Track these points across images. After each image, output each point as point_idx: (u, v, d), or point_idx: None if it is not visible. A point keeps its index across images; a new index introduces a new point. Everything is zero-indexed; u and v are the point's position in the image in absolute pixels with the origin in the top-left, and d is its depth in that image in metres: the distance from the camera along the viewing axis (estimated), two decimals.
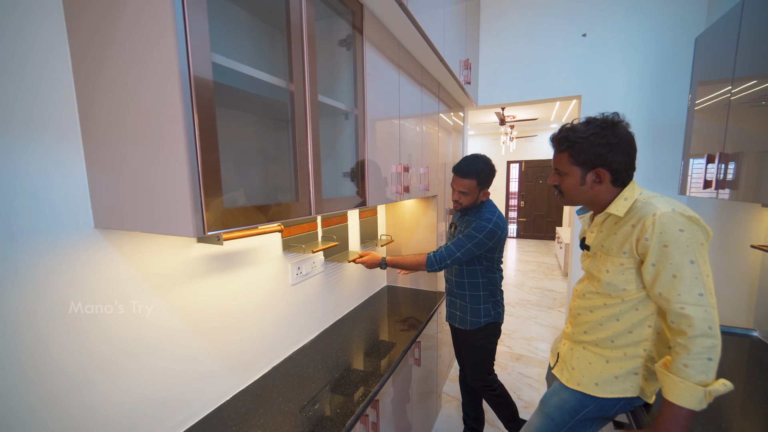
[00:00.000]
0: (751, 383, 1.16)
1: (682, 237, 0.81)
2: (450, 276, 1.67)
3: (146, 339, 0.83)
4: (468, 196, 1.52)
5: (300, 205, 0.83)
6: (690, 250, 0.80)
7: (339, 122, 1.12)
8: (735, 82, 1.22)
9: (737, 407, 1.05)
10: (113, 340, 0.77)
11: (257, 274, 1.17)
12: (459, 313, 1.64)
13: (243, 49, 0.90)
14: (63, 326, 0.68)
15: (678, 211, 0.83)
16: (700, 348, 0.78)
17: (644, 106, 2.14)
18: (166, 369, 0.88)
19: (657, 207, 0.85)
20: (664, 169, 2.12)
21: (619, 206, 0.92)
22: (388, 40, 1.29)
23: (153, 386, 0.85)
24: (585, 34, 2.24)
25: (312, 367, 1.24)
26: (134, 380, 0.81)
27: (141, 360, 0.82)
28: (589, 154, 0.91)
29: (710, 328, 0.78)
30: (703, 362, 0.78)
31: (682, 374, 0.79)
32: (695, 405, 0.78)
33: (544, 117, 6.09)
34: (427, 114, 1.80)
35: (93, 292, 0.73)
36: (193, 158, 0.56)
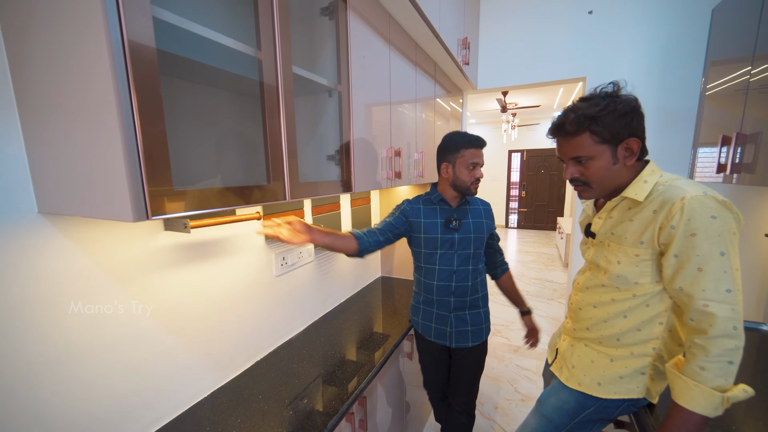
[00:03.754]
0: (761, 380, 1.09)
1: (714, 225, 0.70)
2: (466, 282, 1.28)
3: (107, 335, 0.77)
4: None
5: (272, 188, 0.75)
6: (721, 240, 0.70)
7: (321, 100, 1.03)
8: (755, 63, 1.12)
9: (746, 406, 0.99)
10: (67, 336, 0.70)
11: (236, 265, 1.09)
12: (472, 327, 1.30)
13: (199, 7, 0.80)
14: (7, 321, 0.61)
15: (710, 194, 0.72)
16: (721, 350, 0.70)
17: (653, 87, 2.02)
18: (131, 366, 0.82)
19: (686, 190, 0.74)
20: (673, 154, 2.02)
21: (638, 189, 0.81)
22: (376, 11, 1.19)
23: (115, 385, 0.79)
24: (591, 11, 2.10)
25: (297, 362, 1.18)
26: (93, 379, 0.74)
27: (100, 357, 0.76)
28: (615, 125, 0.79)
29: (735, 329, 0.70)
30: (722, 365, 0.70)
31: (698, 377, 0.71)
32: (710, 411, 0.70)
33: (546, 104, 5.93)
34: (422, 95, 1.70)
35: (41, 285, 0.65)
36: (130, 129, 0.48)
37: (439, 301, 1.29)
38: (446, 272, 1.27)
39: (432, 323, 1.31)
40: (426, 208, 1.29)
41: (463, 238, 1.26)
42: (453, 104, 2.38)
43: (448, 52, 1.72)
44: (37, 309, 0.65)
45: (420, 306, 1.35)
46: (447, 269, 1.27)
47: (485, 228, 1.30)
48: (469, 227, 1.26)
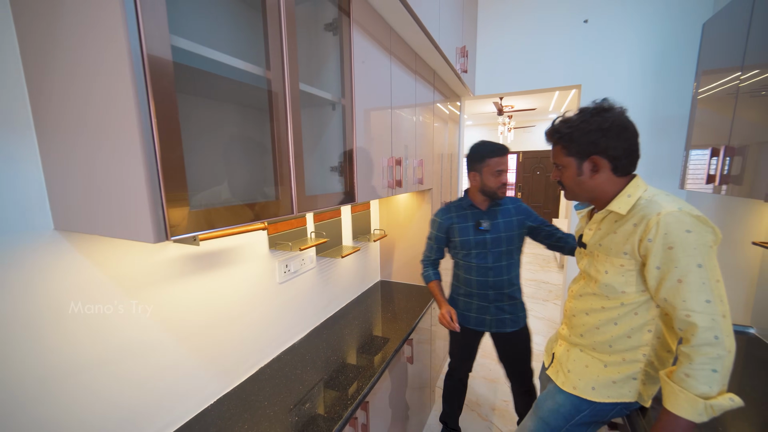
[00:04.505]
0: (748, 383, 1.13)
1: (689, 238, 0.75)
2: (502, 276, 1.44)
3: (117, 345, 0.79)
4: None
5: (280, 203, 0.77)
6: (698, 252, 0.75)
7: (325, 113, 1.05)
8: (744, 71, 1.16)
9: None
10: (79, 347, 0.72)
11: (241, 274, 1.12)
12: (510, 315, 1.47)
13: (213, 32, 0.83)
14: (22, 333, 0.63)
15: (685, 210, 0.77)
16: (704, 358, 0.74)
17: (647, 96, 2.07)
18: (141, 376, 0.84)
19: (662, 206, 0.79)
20: (666, 161, 2.07)
21: (622, 203, 0.87)
22: (378, 24, 1.21)
23: (125, 395, 0.81)
24: (587, 20, 2.15)
25: (300, 367, 1.20)
26: (103, 390, 0.76)
27: (111, 368, 0.78)
28: (580, 142, 0.87)
29: (716, 338, 0.73)
30: (706, 373, 0.73)
31: (683, 384, 0.75)
32: (695, 417, 0.74)
33: (542, 107, 5.99)
34: (421, 104, 1.73)
35: (55, 298, 0.67)
36: (151, 154, 0.50)
37: (479, 294, 1.48)
38: (483, 269, 1.44)
39: (471, 313, 1.51)
40: (458, 215, 1.48)
41: (494, 237, 1.41)
42: (451, 108, 2.42)
43: (447, 61, 1.75)
44: (47, 321, 0.67)
45: (459, 298, 1.55)
46: (483, 266, 1.44)
47: (516, 224, 1.43)
48: (499, 227, 1.42)
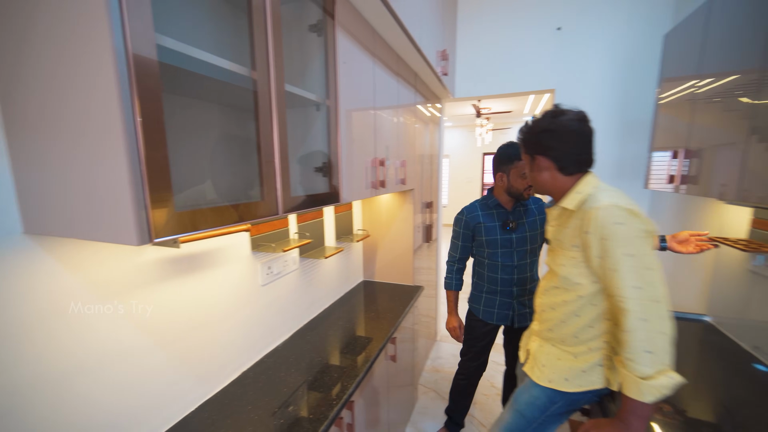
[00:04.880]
0: (704, 366, 1.23)
1: (620, 230, 0.80)
2: (525, 273, 1.51)
3: (95, 353, 0.75)
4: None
5: (265, 204, 0.77)
6: (628, 243, 0.80)
7: (310, 114, 1.05)
8: (700, 79, 1.26)
9: (691, 390, 1.11)
10: (52, 356, 0.68)
11: (223, 277, 1.09)
12: (529, 309, 1.53)
13: (198, 32, 0.81)
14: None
15: (618, 204, 0.82)
16: (637, 342, 0.78)
17: (615, 101, 2.20)
18: (120, 383, 0.81)
19: (599, 200, 0.86)
20: (632, 163, 2.20)
21: (571, 199, 0.94)
22: (362, 26, 1.22)
23: (103, 403, 0.78)
24: (560, 27, 2.25)
25: (284, 370, 1.19)
26: (80, 400, 0.73)
27: (88, 376, 0.74)
28: (530, 141, 0.97)
29: (645, 321, 0.78)
30: (641, 355, 0.78)
31: (626, 367, 0.81)
32: (642, 397, 0.78)
33: (518, 109, 6.19)
34: (403, 105, 1.75)
35: (25, 305, 0.64)
36: (135, 154, 0.49)
37: (503, 291, 1.54)
38: (509, 268, 1.50)
39: (495, 309, 1.58)
40: (484, 213, 1.53)
41: (520, 237, 1.47)
42: (432, 111, 2.46)
43: (428, 64, 1.78)
44: (17, 330, 0.63)
45: (482, 295, 1.61)
46: (509, 265, 1.50)
47: (539, 223, 1.50)
48: (524, 227, 1.48)
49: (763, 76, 0.91)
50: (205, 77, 0.69)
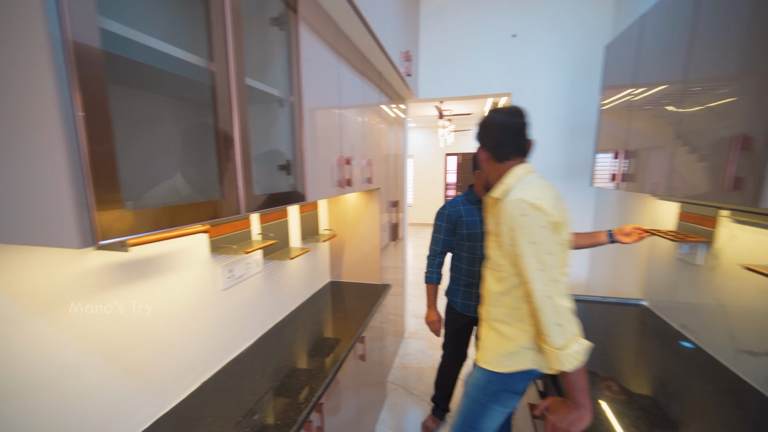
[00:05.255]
0: (642, 345, 1.37)
1: (524, 221, 0.91)
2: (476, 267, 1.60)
3: (27, 373, 0.67)
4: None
5: (227, 203, 0.73)
6: (531, 232, 0.90)
7: (273, 110, 1.02)
8: (635, 88, 1.39)
9: (631, 366, 1.24)
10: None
11: (178, 282, 1.02)
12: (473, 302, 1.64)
13: (151, 18, 0.75)
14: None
15: (523, 198, 0.92)
16: (547, 317, 0.89)
17: (565, 105, 2.37)
18: (61, 404, 0.73)
19: (511, 195, 0.96)
20: (580, 163, 2.39)
21: (498, 190, 1.04)
22: (326, 23, 1.21)
23: (44, 428, 0.69)
24: (515, 35, 2.38)
25: (249, 377, 1.14)
26: (16, 425, 0.65)
27: (20, 401, 0.66)
28: (475, 136, 1.13)
29: (549, 298, 0.89)
30: (553, 328, 0.88)
31: (546, 342, 0.91)
32: (564, 366, 0.88)
33: (477, 111, 6.45)
34: (369, 105, 1.76)
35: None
36: (75, 151, 0.45)
37: (480, 284, 1.60)
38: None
39: (472, 301, 1.64)
40: (465, 208, 1.60)
41: None
42: (397, 111, 2.49)
43: (392, 64, 1.80)
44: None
45: (460, 288, 1.67)
46: None
47: None
48: None
49: (685, 87, 1.03)
50: (158, 68, 0.64)
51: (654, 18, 1.25)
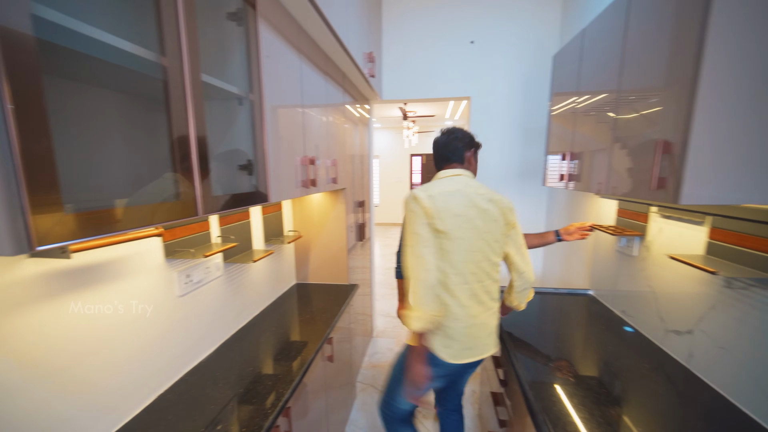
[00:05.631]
0: (589, 331, 1.50)
1: (406, 208, 1.16)
2: None
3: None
4: None
5: (183, 205, 0.70)
6: (406, 216, 1.15)
7: (231, 108, 0.98)
8: (579, 95, 1.52)
9: (580, 350, 1.35)
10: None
11: (129, 290, 0.96)
12: None
13: (93, 6, 0.70)
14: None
15: (411, 193, 1.15)
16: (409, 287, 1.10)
17: (519, 110, 2.52)
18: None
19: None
20: (534, 164, 2.55)
21: None
22: (286, 21, 1.19)
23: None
24: (473, 41, 2.49)
25: (210, 386, 1.09)
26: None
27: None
28: None
29: (411, 270, 1.11)
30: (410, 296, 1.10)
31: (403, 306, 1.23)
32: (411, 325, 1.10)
33: (440, 114, 6.65)
34: (332, 104, 1.75)
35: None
36: (5, 148, 0.41)
37: None
38: None
39: None
40: None
41: None
42: (361, 111, 2.50)
43: (355, 64, 1.81)
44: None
45: None
46: None
47: None
48: None
49: (620, 96, 1.14)
50: (103, 61, 0.60)
51: (592, 32, 1.37)
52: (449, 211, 1.11)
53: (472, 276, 1.16)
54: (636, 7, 1.04)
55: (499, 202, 1.19)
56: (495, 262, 1.22)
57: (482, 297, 1.20)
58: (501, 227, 1.20)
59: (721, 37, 0.74)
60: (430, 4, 2.49)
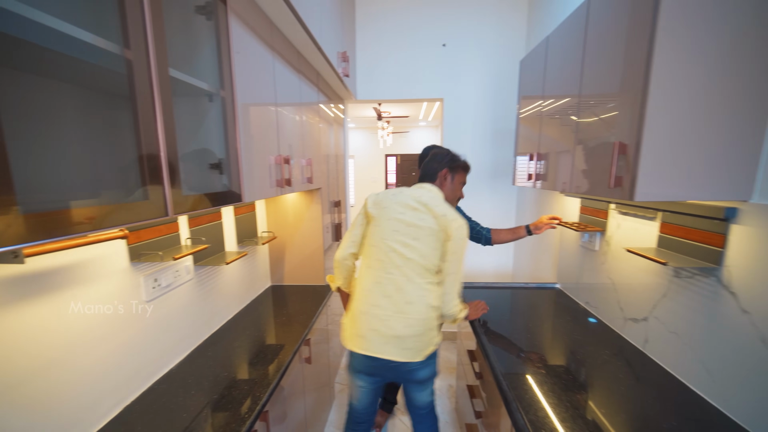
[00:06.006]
0: (556, 322, 1.58)
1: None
2: None
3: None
4: None
5: (151, 205, 0.67)
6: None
7: (201, 105, 0.95)
8: (544, 99, 1.60)
9: (548, 340, 1.42)
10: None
11: (90, 296, 0.90)
12: None
13: None
14: None
15: (371, 194, 1.29)
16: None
17: (490, 112, 2.61)
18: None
19: None
20: (504, 164, 2.65)
21: None
22: (258, 17, 1.17)
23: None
24: (445, 44, 2.54)
25: (182, 394, 1.05)
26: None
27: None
28: None
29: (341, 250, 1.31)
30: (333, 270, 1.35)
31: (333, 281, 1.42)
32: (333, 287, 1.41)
33: (414, 115, 6.73)
34: (306, 103, 1.73)
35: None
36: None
37: None
38: None
39: None
40: None
41: None
42: (336, 111, 2.49)
43: (329, 63, 1.80)
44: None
45: None
46: None
47: None
48: None
49: (581, 101, 1.22)
50: (60, 52, 0.56)
51: (555, 40, 1.45)
52: (385, 201, 1.25)
53: (378, 262, 1.20)
54: (594, 18, 1.11)
55: (436, 209, 1.19)
56: (410, 258, 1.17)
57: (389, 290, 1.17)
58: (435, 232, 1.18)
59: (668, 49, 0.81)
60: (403, 5, 2.52)
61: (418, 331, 1.17)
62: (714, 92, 0.82)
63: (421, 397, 1.31)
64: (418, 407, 1.34)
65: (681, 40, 0.81)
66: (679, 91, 0.83)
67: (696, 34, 0.80)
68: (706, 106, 0.83)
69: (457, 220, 1.20)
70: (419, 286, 1.18)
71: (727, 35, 0.80)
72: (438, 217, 1.19)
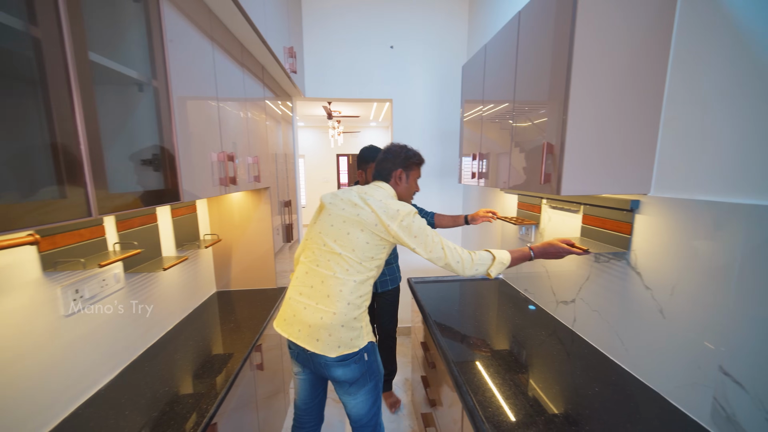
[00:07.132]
0: (500, 310, 1.71)
1: None
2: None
3: None
4: None
5: (70, 204, 0.59)
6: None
7: (130, 94, 0.86)
8: (484, 104, 1.72)
9: (493, 327, 1.53)
10: None
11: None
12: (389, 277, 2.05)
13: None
14: None
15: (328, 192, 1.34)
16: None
17: (437, 113, 2.72)
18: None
19: None
20: (450, 164, 2.78)
21: None
22: (195, 3, 1.09)
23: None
24: (392, 46, 2.60)
25: (114, 416, 0.94)
26: None
27: None
28: None
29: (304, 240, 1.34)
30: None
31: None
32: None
33: (365, 115, 6.76)
34: (251, 99, 1.65)
35: None
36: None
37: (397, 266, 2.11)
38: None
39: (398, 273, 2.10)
40: None
41: None
42: (283, 108, 2.41)
43: (275, 58, 1.74)
44: None
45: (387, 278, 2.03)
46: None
47: None
48: None
49: (516, 106, 1.33)
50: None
51: (492, 48, 1.57)
52: (334, 198, 1.29)
53: (311, 254, 1.24)
54: (523, 32, 1.23)
55: (376, 203, 1.19)
56: (339, 254, 1.18)
57: (314, 281, 1.19)
58: (371, 225, 1.18)
59: (583, 65, 0.92)
60: (350, 4, 2.52)
61: (329, 324, 1.13)
62: (619, 102, 0.97)
63: (352, 406, 1.26)
64: (351, 418, 1.30)
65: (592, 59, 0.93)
66: (593, 100, 0.95)
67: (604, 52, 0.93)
68: (613, 114, 0.97)
69: (395, 204, 1.20)
70: (341, 282, 1.16)
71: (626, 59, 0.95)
72: (375, 210, 1.17)
